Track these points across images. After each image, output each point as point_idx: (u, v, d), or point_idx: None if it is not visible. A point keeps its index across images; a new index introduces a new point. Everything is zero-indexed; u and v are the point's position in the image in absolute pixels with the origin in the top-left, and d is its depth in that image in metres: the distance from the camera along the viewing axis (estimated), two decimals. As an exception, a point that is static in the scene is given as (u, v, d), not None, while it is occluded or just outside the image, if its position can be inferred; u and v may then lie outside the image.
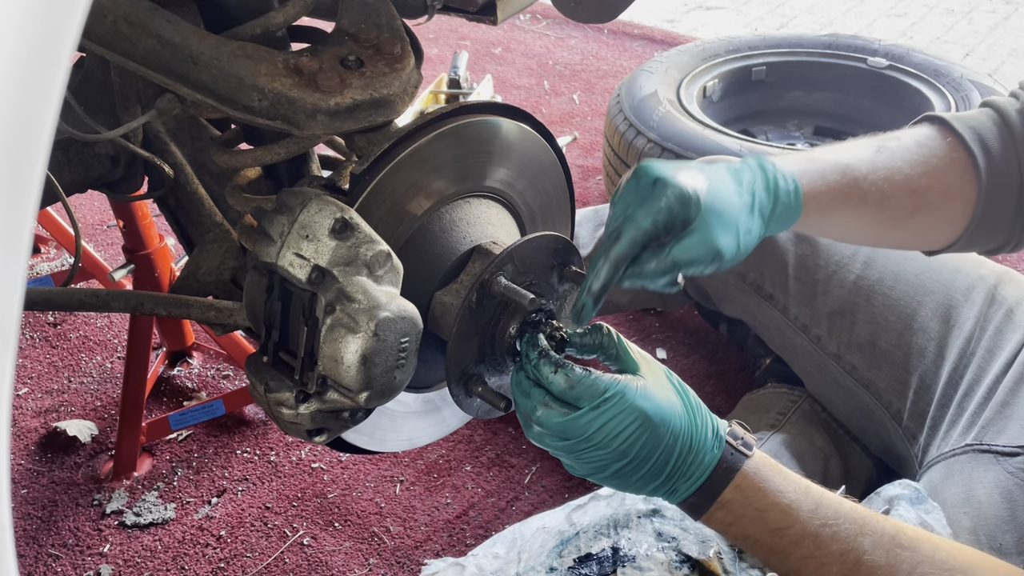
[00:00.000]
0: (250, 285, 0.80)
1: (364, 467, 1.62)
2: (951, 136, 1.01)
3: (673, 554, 0.99)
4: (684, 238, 0.83)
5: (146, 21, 0.76)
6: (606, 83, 3.09)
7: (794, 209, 0.91)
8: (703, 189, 0.84)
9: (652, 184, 0.83)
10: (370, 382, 0.75)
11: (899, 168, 0.98)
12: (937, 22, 3.60)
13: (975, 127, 1.02)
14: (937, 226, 1.04)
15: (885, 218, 0.99)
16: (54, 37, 0.39)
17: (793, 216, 0.91)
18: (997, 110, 1.03)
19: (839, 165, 0.96)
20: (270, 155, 0.85)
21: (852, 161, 0.97)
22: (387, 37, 0.83)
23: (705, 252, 0.83)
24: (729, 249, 0.84)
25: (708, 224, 0.83)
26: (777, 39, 2.45)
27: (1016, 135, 1.01)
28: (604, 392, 0.77)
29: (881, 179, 0.97)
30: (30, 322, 1.97)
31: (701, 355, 1.87)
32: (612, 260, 0.82)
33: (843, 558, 0.79)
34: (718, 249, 0.83)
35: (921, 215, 1.00)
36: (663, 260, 0.83)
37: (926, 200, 0.99)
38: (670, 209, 0.82)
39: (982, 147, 1.00)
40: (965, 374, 1.24)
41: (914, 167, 0.99)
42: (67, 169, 1.07)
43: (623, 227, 0.83)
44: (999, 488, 1.09)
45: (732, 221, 0.85)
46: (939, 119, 1.03)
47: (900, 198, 0.98)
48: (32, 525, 1.51)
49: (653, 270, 0.83)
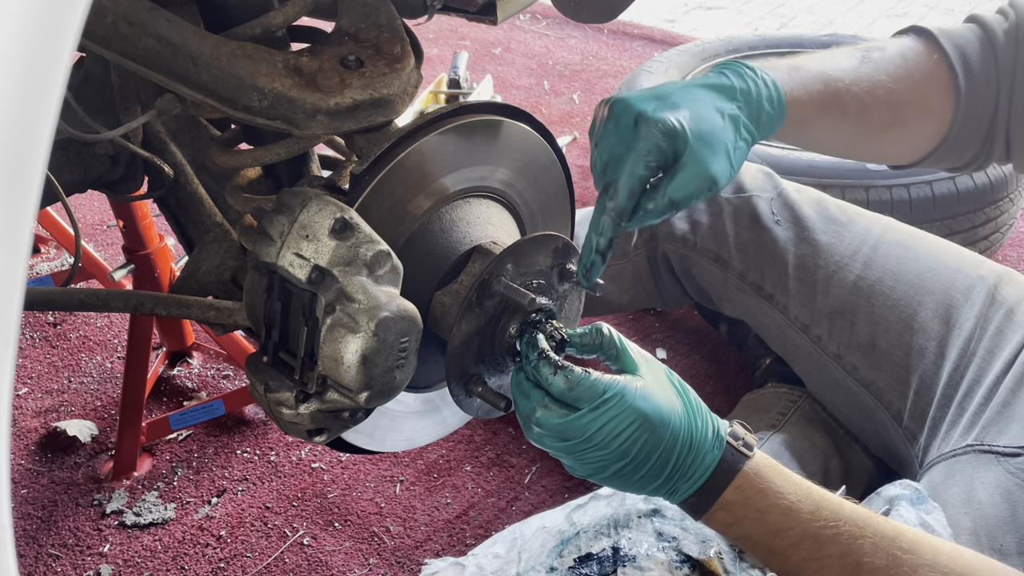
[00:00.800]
0: (250, 285, 0.80)
1: (364, 467, 1.62)
2: (937, 52, 1.00)
3: (673, 554, 0.99)
4: (677, 174, 0.81)
5: (146, 21, 0.76)
6: (606, 83, 3.09)
7: (777, 118, 0.90)
8: (687, 118, 0.81)
9: (634, 123, 0.81)
10: (370, 382, 0.75)
11: (882, 82, 0.97)
12: (937, 22, 3.60)
13: (961, 45, 1.00)
14: (910, 142, 1.04)
15: (862, 131, 0.99)
16: (54, 36, 0.39)
17: (776, 124, 0.90)
18: (984, 28, 1.02)
19: (822, 75, 0.95)
20: (270, 155, 0.85)
21: (835, 72, 0.96)
22: (387, 37, 0.83)
23: (701, 183, 0.81)
24: (723, 173, 0.83)
25: (698, 154, 0.81)
26: (777, 39, 2.44)
27: (999, 55, 1.00)
28: (604, 393, 0.77)
29: (863, 92, 0.96)
30: (30, 322, 1.97)
31: (701, 355, 1.87)
32: (613, 214, 0.81)
33: (843, 560, 0.79)
34: (712, 177, 0.82)
35: (896, 130, 1.01)
36: (660, 200, 0.81)
37: (903, 116, 0.99)
38: (659, 148, 0.80)
39: (965, 66, 1.00)
40: (966, 374, 1.24)
41: (896, 81, 0.98)
42: (67, 169, 1.07)
43: (617, 177, 0.81)
44: (1000, 489, 1.09)
45: (720, 144, 0.83)
46: (927, 32, 1.03)
47: (879, 112, 0.98)
48: (32, 525, 1.51)
49: (653, 211, 0.82)
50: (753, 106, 0.88)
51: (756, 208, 1.44)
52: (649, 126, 0.80)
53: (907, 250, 1.34)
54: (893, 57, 1.00)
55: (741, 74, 0.89)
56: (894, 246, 1.35)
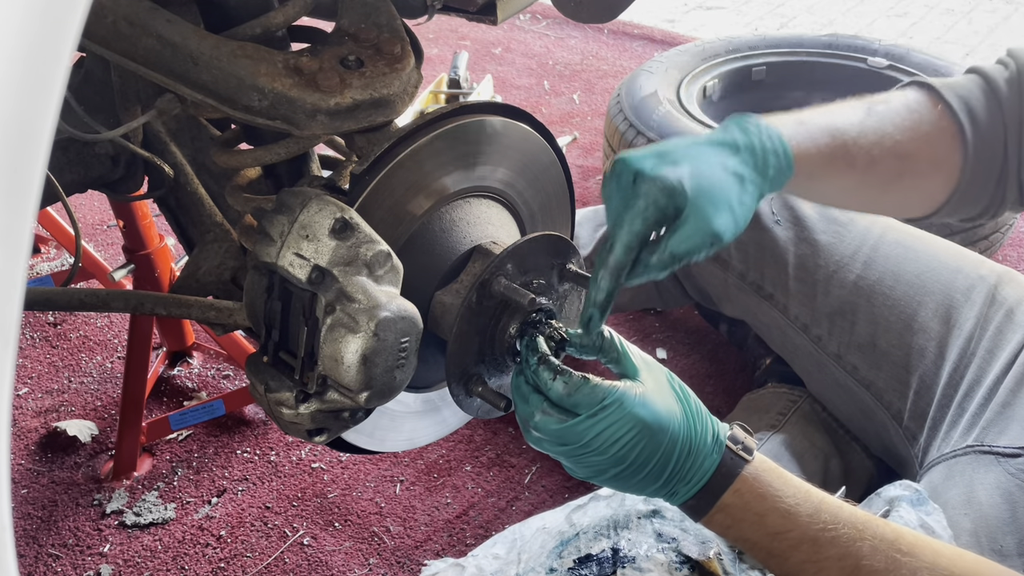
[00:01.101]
0: (250, 285, 0.80)
1: (364, 467, 1.62)
2: (940, 104, 1.01)
3: (673, 555, 0.99)
4: (678, 229, 0.81)
5: (146, 21, 0.76)
6: (606, 83, 3.09)
7: (785, 171, 0.89)
8: (687, 175, 0.81)
9: (633, 181, 0.81)
10: (370, 382, 0.75)
11: (888, 133, 0.97)
12: (937, 22, 3.60)
13: (964, 96, 1.01)
14: (921, 193, 1.04)
15: (871, 183, 0.99)
16: (54, 36, 0.39)
17: (784, 176, 0.89)
18: (985, 78, 1.02)
19: (829, 127, 0.94)
20: (270, 155, 0.85)
21: (842, 124, 0.95)
22: (387, 37, 0.83)
23: (703, 238, 0.81)
24: (727, 229, 0.82)
25: (700, 209, 0.80)
26: (777, 39, 2.44)
27: (1003, 104, 1.00)
28: (602, 400, 0.77)
29: (870, 143, 0.96)
30: (30, 322, 1.97)
31: (701, 355, 1.86)
32: (611, 269, 0.81)
33: (841, 563, 0.79)
34: (715, 232, 0.81)
35: (907, 181, 1.00)
36: (662, 255, 0.81)
37: (913, 167, 0.99)
38: (656, 204, 0.80)
39: (970, 117, 1.00)
40: (966, 374, 1.24)
41: (903, 132, 0.98)
42: (67, 169, 1.07)
43: (615, 233, 0.82)
44: (1000, 489, 1.09)
45: (724, 199, 0.82)
46: (928, 85, 1.03)
47: (888, 163, 0.97)
48: (32, 525, 1.51)
49: (655, 265, 0.82)
50: (759, 160, 0.87)
51: (756, 208, 1.44)
52: (647, 183, 0.80)
53: (907, 250, 1.34)
54: (898, 109, 1.00)
55: (745, 129, 0.89)
56: (894, 246, 1.35)
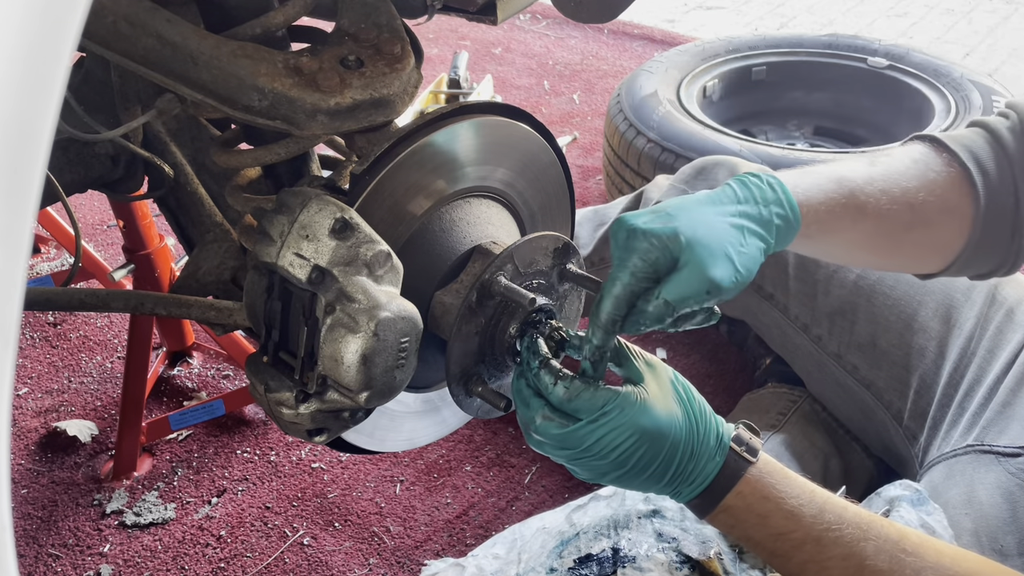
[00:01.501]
0: (250, 285, 0.80)
1: (364, 467, 1.62)
2: (945, 153, 1.00)
3: (673, 554, 0.99)
4: (673, 277, 0.81)
5: (146, 21, 0.76)
6: (606, 83, 3.09)
7: (791, 221, 0.88)
8: (682, 226, 0.82)
9: (627, 237, 0.82)
10: (370, 382, 0.75)
11: (896, 180, 0.96)
12: (937, 22, 3.60)
13: (968, 145, 1.00)
14: (935, 244, 1.02)
15: (883, 233, 0.97)
16: (54, 36, 0.39)
17: (790, 226, 0.88)
18: (988, 129, 1.02)
19: (834, 175, 0.93)
20: (270, 155, 0.85)
21: (847, 172, 0.94)
22: (387, 37, 0.83)
23: (698, 285, 0.80)
24: (725, 277, 0.81)
25: (695, 258, 0.80)
26: (777, 39, 2.44)
27: (1010, 154, 0.99)
28: (603, 406, 0.77)
29: (878, 191, 0.94)
30: (30, 322, 1.97)
31: (701, 355, 1.86)
32: (603, 324, 0.81)
33: (845, 563, 0.79)
34: (711, 279, 0.80)
35: (918, 231, 0.98)
36: (655, 301, 0.80)
37: (924, 215, 0.97)
38: (647, 257, 0.81)
39: (977, 165, 0.99)
40: (966, 374, 1.24)
41: (910, 180, 0.97)
42: (67, 169, 1.07)
43: (604, 288, 0.82)
44: (1000, 489, 1.09)
45: (720, 248, 0.82)
46: (930, 138, 1.02)
47: (898, 212, 0.95)
48: (32, 525, 1.51)
49: (650, 315, 0.81)
50: (761, 209, 0.86)
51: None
52: (639, 237, 0.81)
53: (907, 250, 1.34)
54: (902, 159, 0.99)
55: (744, 182, 0.88)
56: (894, 246, 1.35)
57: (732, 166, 1.52)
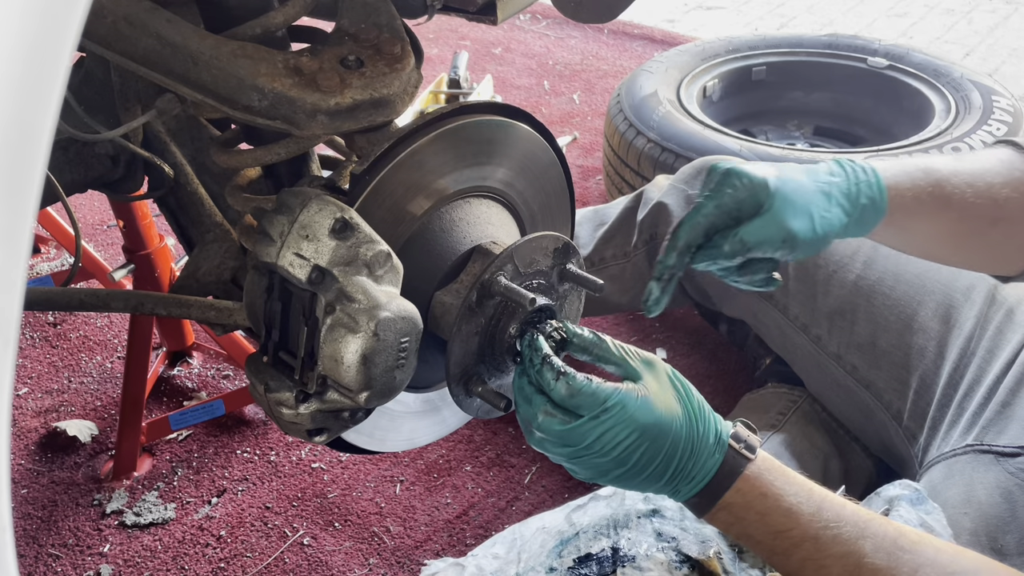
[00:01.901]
0: (250, 285, 0.80)
1: (364, 467, 1.62)
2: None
3: (673, 554, 0.99)
4: (754, 220, 0.86)
5: (146, 21, 0.76)
6: (606, 83, 3.09)
7: (877, 200, 0.91)
8: (772, 176, 0.87)
9: (721, 175, 0.88)
10: (370, 382, 0.75)
11: (981, 175, 0.97)
12: (937, 22, 3.60)
13: None
14: (1017, 244, 1.02)
15: (966, 226, 0.98)
16: (54, 36, 0.39)
17: (877, 208, 0.91)
18: None
19: (921, 164, 0.96)
20: (270, 155, 0.85)
21: (934, 163, 0.97)
22: (387, 37, 0.83)
23: (775, 232, 0.85)
24: (803, 230, 0.86)
25: (779, 207, 0.86)
26: (777, 39, 2.44)
27: None
28: (604, 402, 0.77)
29: (964, 183, 0.96)
30: (30, 322, 1.97)
31: (701, 355, 1.87)
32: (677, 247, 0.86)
33: (843, 560, 0.79)
34: (789, 229, 0.85)
35: (1002, 227, 0.99)
36: (732, 239, 0.86)
37: (1008, 211, 0.98)
38: (735, 193, 0.86)
39: None
40: (965, 374, 1.24)
41: (995, 176, 0.98)
42: (67, 169, 1.07)
43: (688, 214, 0.87)
44: (1000, 489, 1.09)
45: (804, 204, 0.87)
46: (1014, 142, 1.03)
47: (982, 206, 0.97)
48: (32, 525, 1.51)
49: (725, 252, 0.86)
50: (850, 183, 0.91)
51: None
52: (732, 176, 0.87)
53: (907, 250, 1.34)
54: (988, 157, 1.00)
55: (839, 162, 0.93)
56: (894, 246, 1.35)
57: (732, 166, 1.52)
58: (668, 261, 0.87)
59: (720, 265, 0.89)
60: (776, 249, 0.87)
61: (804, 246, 0.88)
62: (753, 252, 0.86)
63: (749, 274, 0.91)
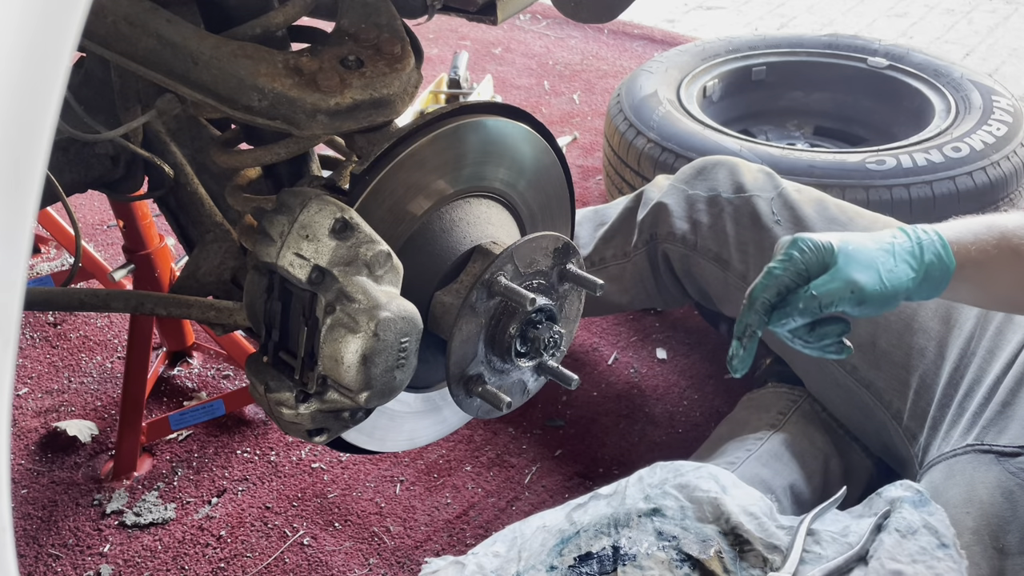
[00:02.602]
0: (250, 285, 0.80)
1: (364, 467, 1.62)
2: None
3: (673, 553, 0.99)
4: (822, 276, 0.94)
5: (146, 21, 0.76)
6: (606, 83, 3.09)
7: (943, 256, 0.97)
8: (836, 239, 0.96)
9: (789, 243, 0.97)
10: (370, 382, 0.75)
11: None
12: (937, 22, 3.60)
13: None
14: None
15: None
16: (54, 36, 0.39)
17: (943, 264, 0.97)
18: None
19: (983, 221, 1.02)
20: (270, 155, 0.85)
21: (996, 219, 1.02)
22: (387, 37, 0.83)
23: (842, 284, 0.93)
24: (869, 283, 0.93)
25: (842, 262, 0.94)
26: (777, 39, 2.44)
27: None
28: None
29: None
30: (30, 322, 1.97)
31: (701, 355, 1.86)
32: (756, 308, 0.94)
33: None
34: (855, 281, 0.93)
35: None
36: (804, 296, 0.93)
37: None
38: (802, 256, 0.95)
39: None
40: (966, 374, 1.24)
41: None
42: (67, 169, 1.07)
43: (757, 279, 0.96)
44: (1001, 488, 1.09)
45: (868, 260, 0.95)
46: None
47: None
48: (32, 525, 1.51)
49: (799, 309, 0.93)
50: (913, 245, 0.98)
51: (756, 208, 1.44)
52: (799, 242, 0.96)
53: (907, 250, 1.34)
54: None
55: (901, 228, 1.01)
56: (894, 246, 1.35)
57: (732, 167, 1.52)
58: (747, 319, 0.94)
59: (796, 323, 0.95)
60: (845, 302, 0.93)
61: (873, 299, 0.94)
62: (824, 306, 0.93)
63: (820, 338, 0.97)
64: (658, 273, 1.58)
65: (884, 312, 0.97)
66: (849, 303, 0.93)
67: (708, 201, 1.50)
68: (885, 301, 0.95)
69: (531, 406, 1.68)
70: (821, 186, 1.68)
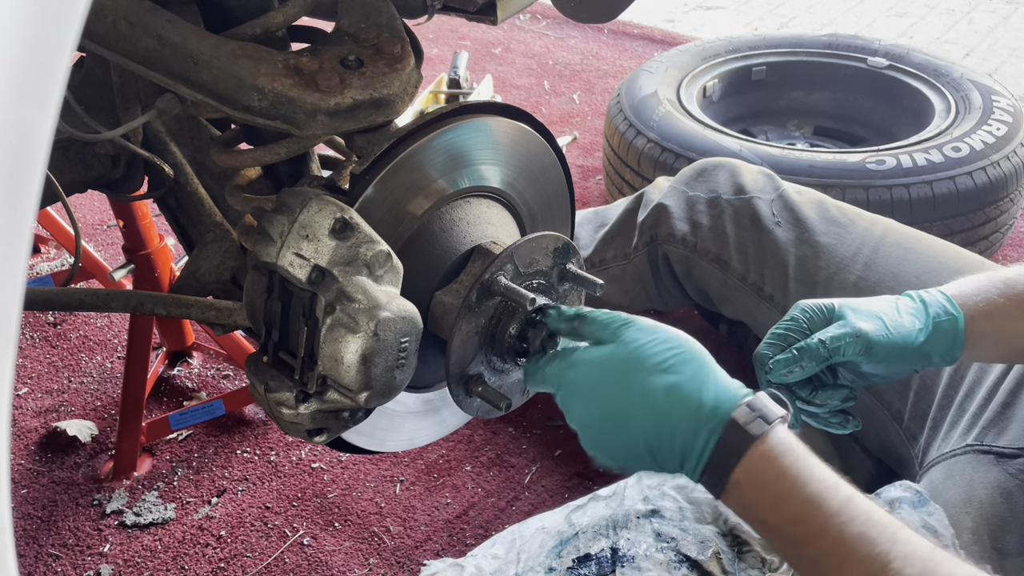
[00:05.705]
0: (250, 285, 0.80)
1: (364, 467, 1.62)
2: None
3: (672, 554, 0.99)
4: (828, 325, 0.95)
5: (146, 21, 0.76)
6: (606, 83, 3.09)
7: (948, 308, 0.97)
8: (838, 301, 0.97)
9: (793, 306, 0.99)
10: (370, 382, 0.75)
11: None
12: (937, 22, 3.60)
13: None
14: None
15: None
16: (54, 37, 0.39)
17: (950, 317, 0.96)
18: None
19: (982, 276, 1.02)
20: (270, 155, 0.85)
21: (995, 272, 1.02)
22: (387, 37, 0.83)
23: (846, 331, 0.93)
24: (875, 331, 0.93)
25: (847, 314, 0.95)
26: (777, 39, 2.44)
27: None
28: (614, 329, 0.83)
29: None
30: (30, 322, 1.97)
31: (701, 355, 1.86)
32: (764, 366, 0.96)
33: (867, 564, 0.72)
34: (860, 328, 0.93)
35: None
36: (810, 341, 0.94)
37: None
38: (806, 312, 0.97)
39: None
40: (966, 375, 1.24)
41: None
42: (67, 169, 1.07)
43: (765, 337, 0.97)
44: (1000, 489, 1.09)
45: (872, 312, 0.95)
46: None
47: None
48: (32, 525, 1.51)
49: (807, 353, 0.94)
50: (915, 302, 0.98)
51: (756, 209, 1.44)
52: (803, 303, 0.98)
53: (907, 251, 1.34)
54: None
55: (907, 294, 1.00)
56: (894, 247, 1.35)
57: (733, 168, 1.52)
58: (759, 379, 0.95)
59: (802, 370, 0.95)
60: (851, 348, 0.92)
61: (881, 349, 0.93)
62: (831, 351, 0.93)
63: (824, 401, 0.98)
64: (658, 274, 1.58)
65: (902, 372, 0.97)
66: (855, 349, 0.93)
67: (708, 203, 1.50)
68: (895, 353, 0.94)
69: (531, 406, 1.68)
70: (821, 186, 1.68)
